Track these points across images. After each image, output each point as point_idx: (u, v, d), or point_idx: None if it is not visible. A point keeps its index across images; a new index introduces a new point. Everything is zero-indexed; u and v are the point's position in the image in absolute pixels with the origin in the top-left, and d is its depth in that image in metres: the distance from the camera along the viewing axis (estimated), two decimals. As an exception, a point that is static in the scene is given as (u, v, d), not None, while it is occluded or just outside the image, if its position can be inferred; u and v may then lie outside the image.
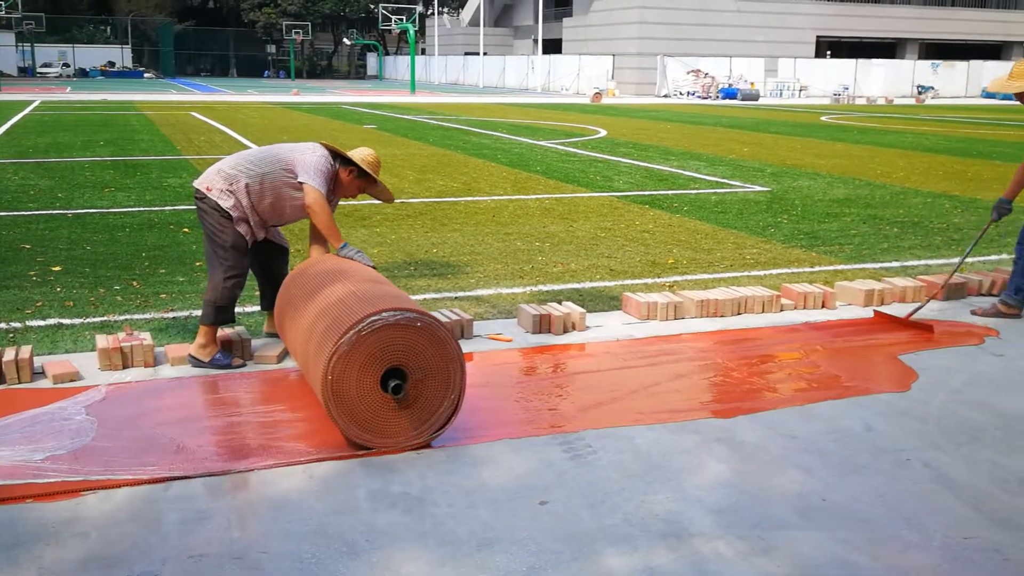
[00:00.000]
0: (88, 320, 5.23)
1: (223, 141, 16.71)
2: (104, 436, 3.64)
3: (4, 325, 5.12)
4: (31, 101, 29.27)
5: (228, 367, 4.48)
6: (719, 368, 4.64)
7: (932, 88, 48.28)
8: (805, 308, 5.72)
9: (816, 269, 6.92)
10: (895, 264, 7.14)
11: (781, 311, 5.67)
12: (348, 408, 3.50)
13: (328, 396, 3.48)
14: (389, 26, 55.33)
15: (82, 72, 67.39)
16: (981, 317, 5.58)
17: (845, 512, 3.14)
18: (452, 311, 5.15)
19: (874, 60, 50.00)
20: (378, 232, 8.04)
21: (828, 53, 53.59)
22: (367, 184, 4.67)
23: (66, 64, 67.64)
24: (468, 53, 68.11)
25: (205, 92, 42.37)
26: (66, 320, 5.22)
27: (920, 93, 46.70)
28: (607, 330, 5.23)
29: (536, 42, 59.05)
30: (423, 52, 76.69)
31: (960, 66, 51.32)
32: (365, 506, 3.14)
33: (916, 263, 7.19)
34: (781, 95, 46.59)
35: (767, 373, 4.58)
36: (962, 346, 5.04)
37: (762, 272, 6.76)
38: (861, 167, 13.97)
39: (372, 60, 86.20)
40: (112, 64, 70.66)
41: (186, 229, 7.98)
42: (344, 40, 76.98)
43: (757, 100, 42.14)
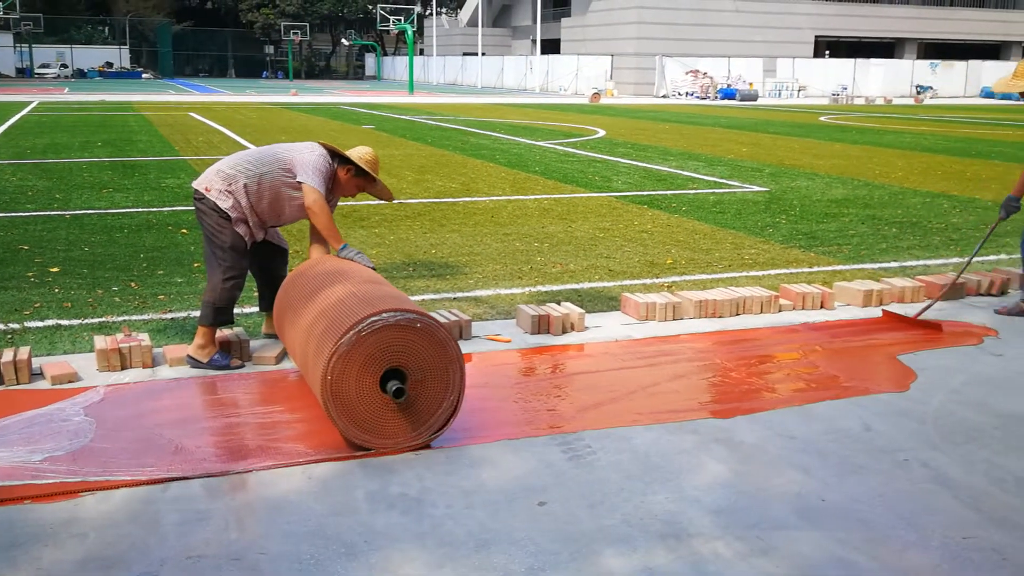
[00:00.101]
0: (86, 321, 5.22)
1: (221, 142, 16.70)
2: (102, 437, 3.64)
3: (2, 326, 5.11)
4: (29, 102, 29.25)
5: (226, 368, 4.48)
6: (718, 368, 4.64)
7: (931, 88, 48.30)
8: (803, 308, 5.73)
9: (815, 269, 6.92)
10: (894, 264, 7.14)
11: (780, 311, 5.67)
12: (347, 409, 3.50)
13: (327, 396, 3.48)
14: (387, 26, 55.40)
15: (80, 73, 67.36)
16: (1007, 316, 5.60)
17: (844, 512, 3.14)
18: (451, 312, 5.15)
19: (873, 60, 50.03)
20: (376, 233, 8.03)
21: (827, 53, 53.61)
22: (366, 183, 4.67)
23: (64, 65, 67.57)
24: (466, 53, 68.08)
25: (203, 92, 42.36)
26: (64, 321, 5.21)
27: (919, 93, 46.72)
28: (606, 331, 5.23)
29: (534, 42, 59.08)
30: (421, 52, 76.67)
31: (959, 66, 51.35)
32: (364, 507, 3.14)
33: (915, 263, 7.19)
34: (780, 95, 46.61)
35: (766, 373, 4.58)
36: (961, 346, 5.05)
37: (760, 272, 6.76)
38: (860, 167, 13.97)
39: (370, 61, 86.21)
40: (110, 65, 70.61)
41: (184, 230, 7.97)
42: (342, 40, 77.03)
43: (756, 100, 42.15)
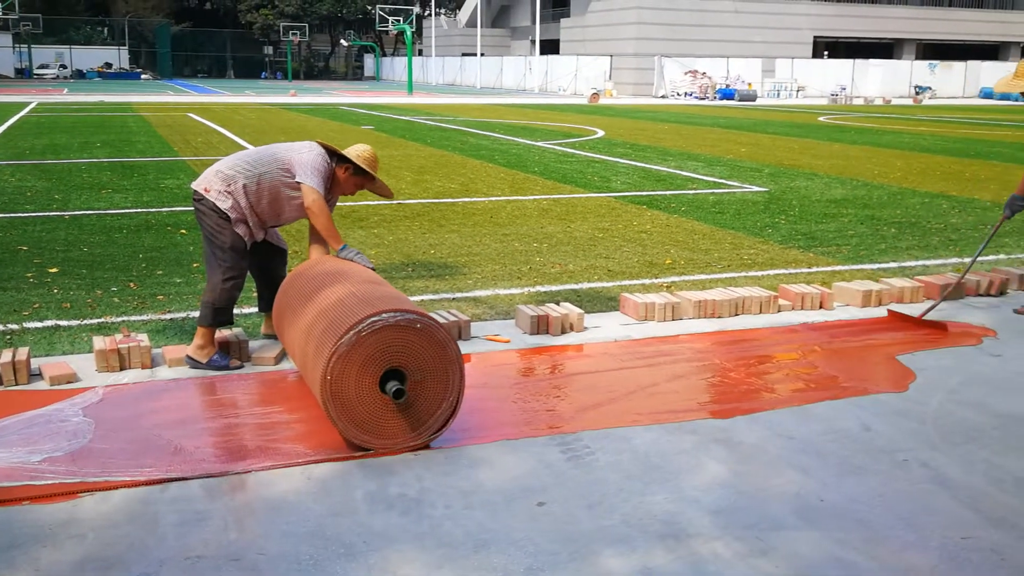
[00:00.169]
0: (85, 322, 5.22)
1: (220, 142, 16.70)
2: (101, 438, 3.64)
3: (1, 327, 5.11)
4: (28, 102, 29.23)
5: (226, 368, 4.48)
6: (717, 369, 4.64)
7: (929, 88, 48.33)
8: (803, 309, 5.73)
9: (814, 270, 6.92)
10: (893, 264, 7.14)
11: (779, 312, 5.67)
12: (347, 409, 3.50)
13: (327, 397, 3.48)
14: (386, 27, 55.39)
15: (79, 73, 67.31)
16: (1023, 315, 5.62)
17: (843, 512, 3.14)
18: (450, 312, 5.15)
19: (872, 60, 50.06)
20: (375, 233, 8.03)
21: (826, 53, 53.63)
22: (365, 181, 4.67)
23: (63, 65, 67.56)
24: (465, 54, 68.10)
25: (202, 93, 42.34)
26: (63, 322, 5.21)
27: (918, 93, 46.74)
28: (605, 331, 5.23)
29: (533, 43, 59.13)
30: (420, 53, 76.67)
31: (958, 66, 51.38)
32: (363, 507, 3.14)
33: (913, 263, 7.19)
34: (779, 95, 46.63)
35: (765, 374, 4.58)
36: (960, 346, 5.05)
37: (760, 273, 6.76)
38: (859, 167, 13.98)
39: (369, 61, 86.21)
40: (109, 65, 70.58)
41: (183, 230, 7.97)
42: (341, 41, 76.99)
43: (754, 100, 42.17)
